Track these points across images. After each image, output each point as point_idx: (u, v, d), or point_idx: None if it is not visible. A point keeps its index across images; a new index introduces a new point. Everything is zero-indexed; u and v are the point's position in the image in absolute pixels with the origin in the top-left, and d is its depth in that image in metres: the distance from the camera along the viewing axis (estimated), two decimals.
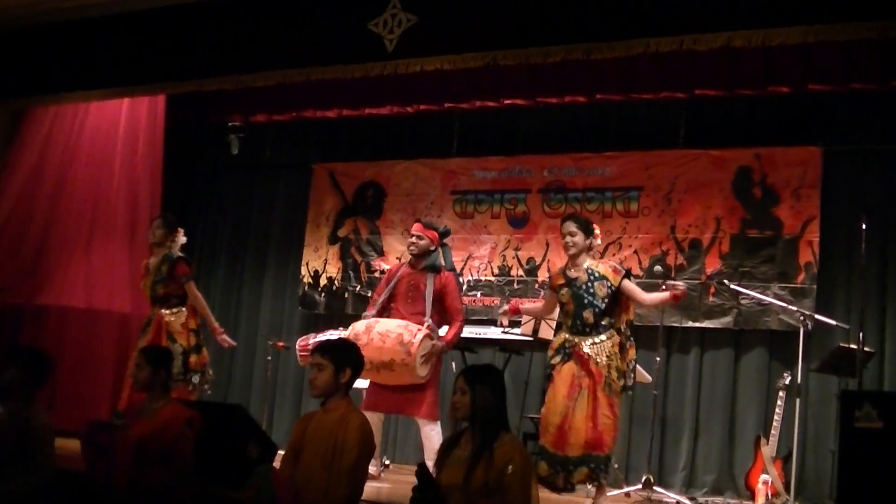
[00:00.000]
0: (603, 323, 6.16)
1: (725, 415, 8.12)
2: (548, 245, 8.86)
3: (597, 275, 6.20)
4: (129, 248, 8.57)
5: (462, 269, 9.09)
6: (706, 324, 8.19)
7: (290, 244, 10.16)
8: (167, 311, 7.38)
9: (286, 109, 9.24)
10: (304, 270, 9.91)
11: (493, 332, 7.95)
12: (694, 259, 8.31)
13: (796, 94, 7.60)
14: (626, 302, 6.27)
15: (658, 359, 7.69)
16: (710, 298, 8.19)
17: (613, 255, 8.48)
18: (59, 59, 8.52)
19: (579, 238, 6.25)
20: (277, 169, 10.39)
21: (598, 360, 6.07)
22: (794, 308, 7.47)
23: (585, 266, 6.23)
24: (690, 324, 8.23)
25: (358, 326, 6.86)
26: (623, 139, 8.84)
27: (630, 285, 6.25)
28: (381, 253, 9.54)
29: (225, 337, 7.54)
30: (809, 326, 7.31)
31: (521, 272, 8.95)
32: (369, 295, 9.11)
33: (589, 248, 6.30)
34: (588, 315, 6.15)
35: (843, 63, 7.07)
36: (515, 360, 8.23)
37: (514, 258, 9.00)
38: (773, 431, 7.21)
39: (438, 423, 6.87)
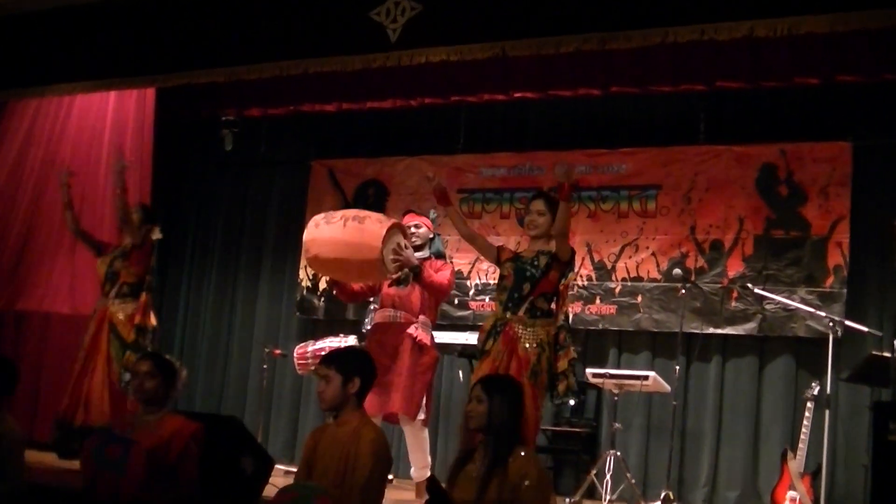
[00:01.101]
0: (541, 305, 5.82)
1: (749, 427, 8.09)
2: None
3: (545, 251, 5.92)
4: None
5: (469, 272, 9.11)
6: (728, 330, 8.17)
7: (286, 246, 10.13)
8: (115, 300, 7.39)
9: (283, 103, 9.25)
10: (301, 273, 9.88)
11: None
12: (715, 261, 8.29)
13: (824, 86, 7.58)
14: (564, 290, 5.92)
15: (677, 367, 7.67)
16: (733, 303, 8.16)
17: (630, 257, 8.49)
18: (41, 50, 8.52)
19: (545, 220, 5.95)
20: (273, 166, 10.38)
21: (528, 345, 5.73)
22: (823, 314, 7.46)
23: (539, 247, 5.97)
24: (712, 330, 8.20)
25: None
26: (640, 134, 8.83)
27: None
28: None
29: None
30: (839, 333, 7.29)
31: None
32: (370, 300, 9.12)
33: (551, 237, 5.94)
34: (525, 287, 5.81)
35: (874, 53, 7.04)
36: None
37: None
38: (800, 445, 7.18)
39: (425, 430, 6.88)
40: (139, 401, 5.27)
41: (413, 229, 7.01)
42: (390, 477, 7.77)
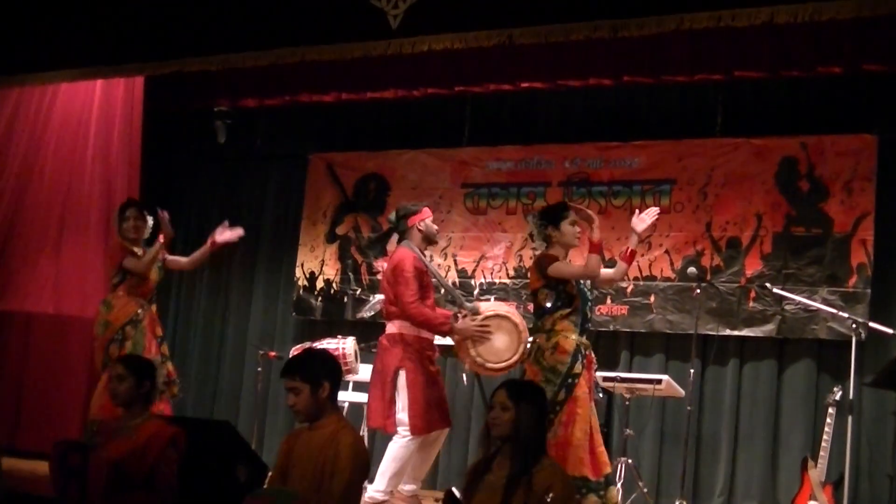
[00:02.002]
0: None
1: (768, 434, 8.08)
2: None
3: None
4: (104, 247, 8.51)
5: (474, 270, 9.12)
6: (746, 332, 8.15)
7: (283, 243, 10.15)
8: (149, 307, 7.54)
9: (279, 93, 9.24)
10: (298, 272, 9.90)
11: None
12: (732, 260, 8.28)
13: (848, 76, 7.59)
14: None
15: (692, 371, 7.68)
16: (751, 304, 8.15)
17: (642, 255, 8.48)
18: (23, 36, 8.49)
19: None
20: (269, 160, 10.38)
21: (596, 367, 6.19)
22: (846, 315, 7.45)
23: None
24: (728, 332, 8.18)
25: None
26: (654, 127, 8.81)
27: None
28: (384, 253, 9.50)
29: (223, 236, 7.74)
30: (863, 335, 7.29)
31: None
32: (370, 299, 9.11)
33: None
34: (589, 312, 6.19)
35: None
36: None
37: (531, 258, 8.88)
38: (822, 453, 7.15)
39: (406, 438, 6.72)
40: (117, 405, 5.33)
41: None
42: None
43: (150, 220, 7.66)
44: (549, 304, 6.02)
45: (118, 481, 5.01)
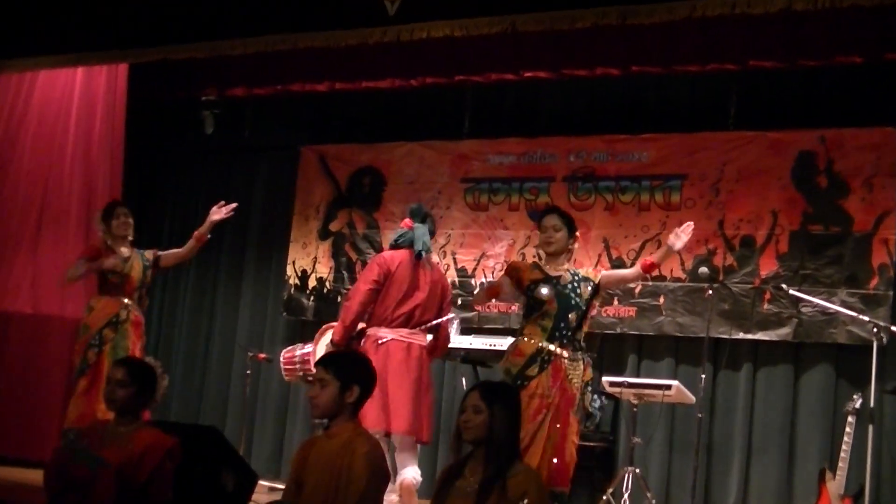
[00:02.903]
0: (581, 339, 6.17)
1: (783, 443, 8.06)
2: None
3: (580, 275, 6.22)
4: (84, 243, 8.47)
5: (474, 269, 9.13)
6: (760, 335, 8.15)
7: (273, 240, 10.18)
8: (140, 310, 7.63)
9: (269, 82, 9.19)
10: (289, 270, 9.92)
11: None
12: (746, 260, 8.28)
13: (869, 66, 7.49)
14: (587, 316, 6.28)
15: (703, 376, 7.59)
16: (766, 306, 8.14)
17: (651, 254, 8.40)
18: None
19: (562, 235, 6.22)
20: (258, 152, 10.40)
21: (574, 381, 6.06)
22: (866, 318, 7.39)
23: (566, 267, 6.24)
24: (742, 335, 8.18)
25: None
26: (663, 119, 8.82)
27: (610, 271, 6.38)
28: (379, 250, 9.45)
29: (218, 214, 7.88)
30: (884, 340, 7.21)
31: None
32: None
33: (569, 252, 6.29)
34: (573, 318, 6.11)
35: None
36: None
37: (534, 257, 8.86)
38: (840, 464, 7.13)
39: None
40: (110, 410, 5.27)
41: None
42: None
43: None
44: (524, 311, 6.28)
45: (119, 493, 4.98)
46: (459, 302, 8.95)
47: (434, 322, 7.14)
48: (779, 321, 8.09)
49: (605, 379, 7.66)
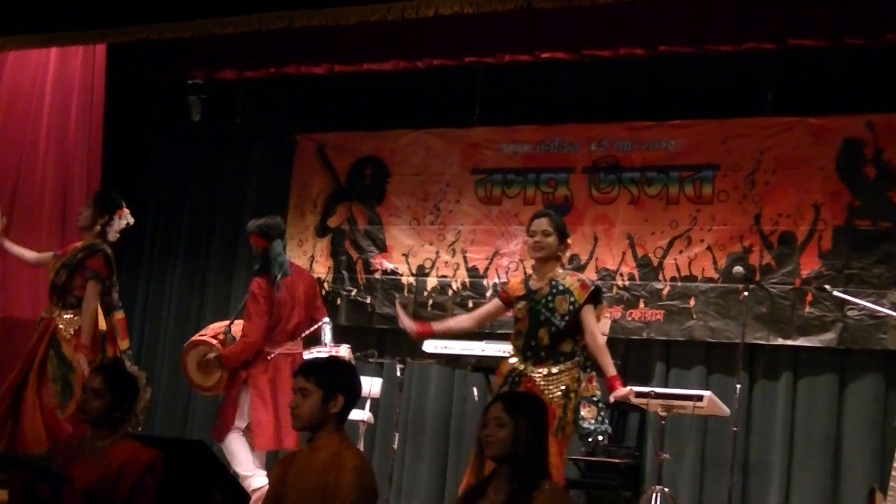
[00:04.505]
0: (563, 349, 6.22)
1: (826, 459, 8.02)
2: (596, 239, 8.83)
3: (560, 287, 6.26)
4: (60, 239, 8.47)
5: (486, 269, 9.11)
6: (801, 341, 8.13)
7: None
8: (61, 312, 7.47)
9: (262, 64, 9.26)
10: None
11: None
12: (785, 258, 8.25)
13: None
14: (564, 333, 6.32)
15: (738, 386, 7.61)
16: (807, 309, 8.12)
17: (680, 252, 8.49)
18: None
19: (553, 240, 6.31)
20: (250, 141, 10.39)
21: (551, 396, 6.09)
22: None
23: (549, 276, 6.32)
24: (781, 341, 8.17)
25: None
26: (694, 104, 8.80)
27: (589, 315, 6.22)
28: (382, 248, 9.54)
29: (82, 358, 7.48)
30: None
31: None
32: (367, 301, 9.09)
33: (559, 258, 6.39)
34: (543, 335, 6.21)
35: None
36: None
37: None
38: (892, 483, 7.02)
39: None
40: (85, 422, 5.30)
41: None
42: None
43: None
44: None
45: None
46: (471, 304, 8.92)
47: (309, 331, 7.77)
48: (822, 326, 8.06)
49: (630, 389, 7.58)
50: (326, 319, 7.90)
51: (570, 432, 6.16)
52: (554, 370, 6.15)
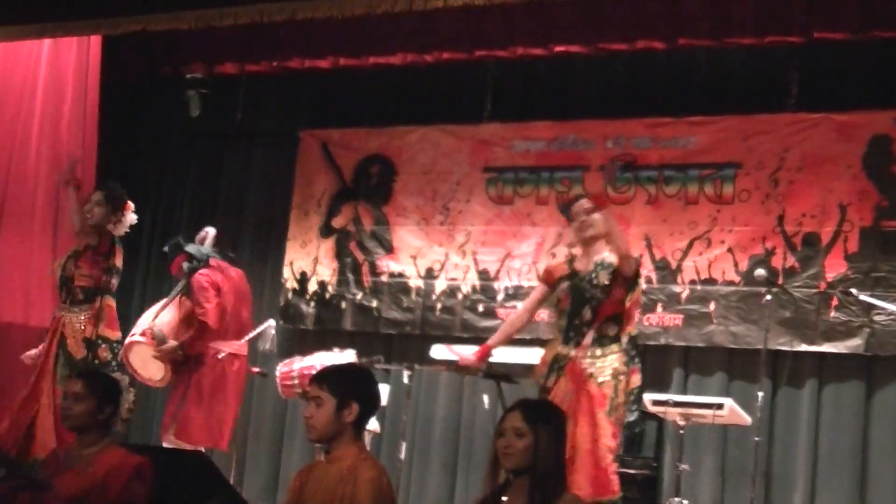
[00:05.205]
0: (608, 332, 6.16)
1: (853, 471, 8.01)
2: None
3: (605, 263, 6.19)
4: (52, 241, 8.55)
5: (498, 271, 9.11)
6: (826, 347, 8.12)
7: (268, 238, 10.20)
8: (69, 307, 7.52)
9: (264, 58, 9.30)
10: (287, 272, 9.90)
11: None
12: (810, 260, 8.25)
13: None
14: (630, 308, 6.24)
15: (760, 394, 7.62)
16: (833, 314, 8.12)
17: (700, 254, 8.53)
18: None
19: (598, 219, 6.22)
20: (252, 137, 10.42)
21: (601, 378, 6.07)
22: None
23: (594, 257, 6.24)
24: (805, 347, 8.16)
25: None
26: (714, 99, 8.81)
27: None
28: (389, 250, 9.55)
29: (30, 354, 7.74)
30: None
31: None
32: (373, 305, 9.07)
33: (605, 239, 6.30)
34: (586, 312, 6.16)
35: None
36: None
37: (567, 257, 8.83)
38: None
39: None
40: (68, 429, 5.33)
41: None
42: None
43: None
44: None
45: None
46: (481, 309, 8.89)
47: (254, 333, 8.18)
48: (848, 331, 8.04)
49: (646, 397, 7.56)
50: (270, 322, 8.37)
51: (622, 414, 6.07)
52: (599, 352, 6.11)
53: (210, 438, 7.90)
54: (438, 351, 8.02)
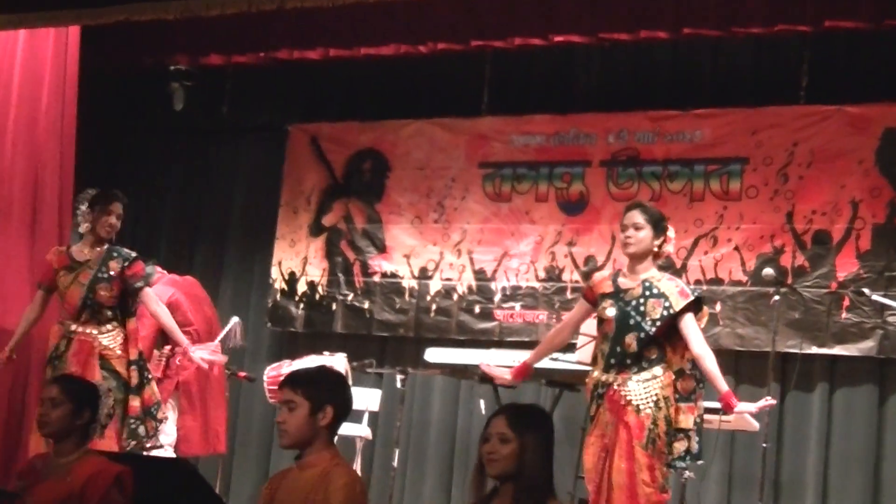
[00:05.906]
0: (649, 355, 6.06)
1: (866, 479, 8.04)
2: (614, 239, 8.76)
3: (655, 290, 6.07)
4: (30, 241, 8.49)
5: (495, 271, 9.13)
6: (838, 350, 8.14)
7: (256, 236, 10.22)
8: (98, 331, 7.34)
9: (251, 49, 9.25)
10: (275, 272, 9.92)
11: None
12: (820, 259, 8.27)
13: None
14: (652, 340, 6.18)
15: (769, 398, 7.44)
16: (844, 315, 8.14)
17: (706, 252, 8.52)
18: None
19: (646, 234, 6.11)
20: (239, 132, 10.45)
21: (640, 407, 5.97)
22: None
23: (643, 277, 6.12)
24: (815, 349, 8.16)
25: None
26: (721, 91, 8.84)
27: (691, 324, 6.05)
28: (381, 249, 9.58)
29: (205, 356, 7.60)
30: None
31: (576, 276, 8.88)
32: (365, 307, 9.07)
33: (656, 254, 6.18)
34: (630, 341, 6.04)
35: None
36: (567, 398, 8.13)
37: (566, 257, 8.98)
38: None
39: None
40: (45, 436, 5.32)
41: None
42: None
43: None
44: None
45: None
46: (478, 310, 8.88)
47: (222, 334, 8.35)
48: (860, 333, 8.06)
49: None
50: (236, 320, 8.64)
51: (661, 446, 5.95)
52: (641, 377, 6.00)
53: (209, 445, 8.14)
54: (433, 354, 8.01)
